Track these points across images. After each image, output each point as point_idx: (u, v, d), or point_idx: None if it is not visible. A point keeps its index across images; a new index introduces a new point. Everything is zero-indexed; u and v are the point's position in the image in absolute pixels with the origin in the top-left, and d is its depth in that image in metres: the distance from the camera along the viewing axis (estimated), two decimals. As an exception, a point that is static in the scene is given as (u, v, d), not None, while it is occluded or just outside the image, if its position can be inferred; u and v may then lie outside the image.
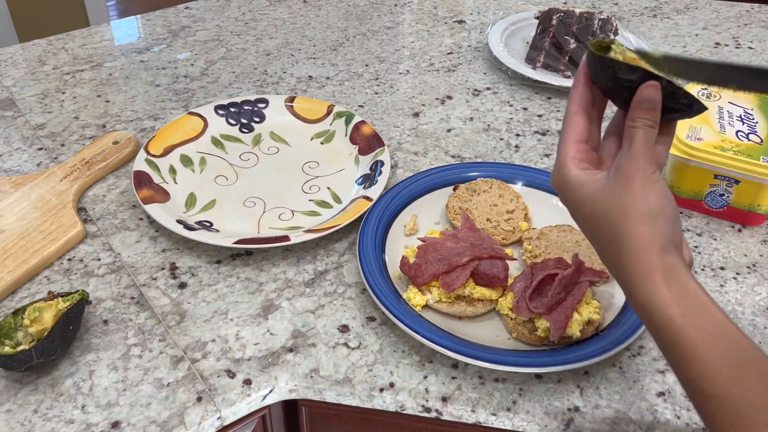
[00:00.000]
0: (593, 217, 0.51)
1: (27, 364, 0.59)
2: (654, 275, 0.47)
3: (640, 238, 0.48)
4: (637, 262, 0.48)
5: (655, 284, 0.47)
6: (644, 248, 0.48)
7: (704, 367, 0.45)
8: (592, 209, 0.51)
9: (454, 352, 0.61)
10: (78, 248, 0.75)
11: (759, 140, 0.79)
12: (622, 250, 0.49)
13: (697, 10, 1.30)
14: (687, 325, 0.46)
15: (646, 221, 0.48)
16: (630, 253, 0.48)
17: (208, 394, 0.60)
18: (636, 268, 0.48)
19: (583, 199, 0.51)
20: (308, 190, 0.83)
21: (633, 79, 0.50)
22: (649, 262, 0.48)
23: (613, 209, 0.49)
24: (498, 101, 1.02)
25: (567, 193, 0.53)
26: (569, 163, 0.53)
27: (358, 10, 1.27)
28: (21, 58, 1.09)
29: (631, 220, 0.48)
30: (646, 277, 0.48)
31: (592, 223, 0.51)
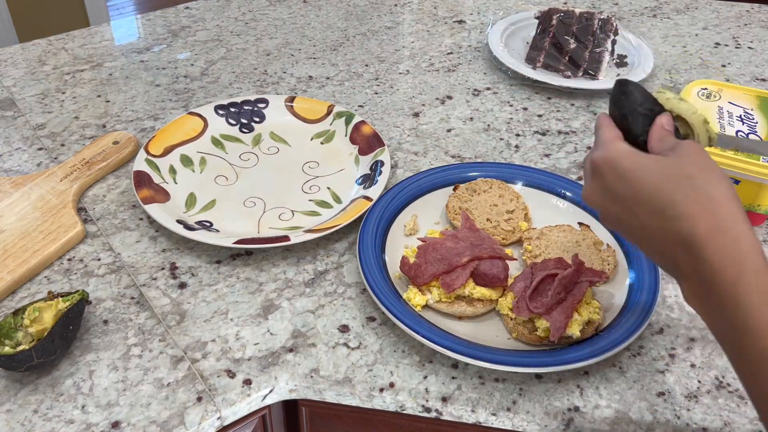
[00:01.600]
0: (661, 177, 0.46)
1: (27, 364, 0.59)
2: (747, 232, 0.43)
3: (727, 195, 0.45)
4: (729, 218, 0.44)
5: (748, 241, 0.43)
6: (733, 205, 0.44)
7: None
8: (660, 170, 0.47)
9: (454, 352, 0.61)
10: (78, 248, 0.75)
11: (759, 140, 0.78)
12: (708, 203, 0.44)
13: (697, 10, 1.30)
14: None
15: (726, 182, 0.45)
16: (719, 206, 0.44)
17: (208, 394, 0.60)
18: (726, 224, 0.43)
19: (646, 164, 0.48)
20: (308, 190, 0.83)
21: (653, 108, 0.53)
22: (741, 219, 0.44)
23: (691, 167, 0.45)
24: (498, 101, 1.02)
25: (620, 162, 0.49)
26: (618, 141, 0.51)
27: (358, 10, 1.27)
28: (21, 58, 1.09)
29: (715, 177, 0.45)
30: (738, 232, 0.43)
31: (655, 185, 0.47)
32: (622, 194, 0.49)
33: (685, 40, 1.19)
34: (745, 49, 1.17)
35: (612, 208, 0.50)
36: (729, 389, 0.62)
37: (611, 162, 0.49)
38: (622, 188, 0.49)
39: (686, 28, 1.24)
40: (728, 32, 1.23)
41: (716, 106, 0.84)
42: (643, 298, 0.67)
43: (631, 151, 0.49)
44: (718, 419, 0.60)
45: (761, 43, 1.19)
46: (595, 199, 0.51)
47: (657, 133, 0.51)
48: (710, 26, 1.24)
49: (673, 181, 0.46)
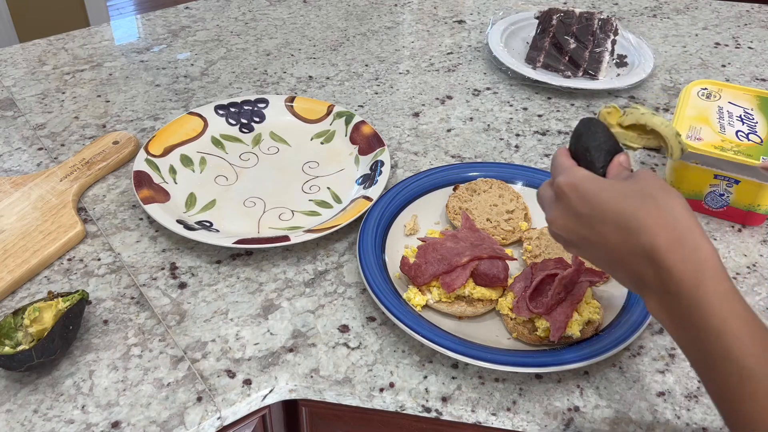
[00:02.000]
0: (623, 195, 0.49)
1: (27, 364, 0.59)
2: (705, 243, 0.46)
3: (686, 213, 0.47)
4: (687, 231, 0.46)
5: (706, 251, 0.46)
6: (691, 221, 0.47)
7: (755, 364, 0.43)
8: (620, 190, 0.49)
9: (454, 352, 0.61)
10: (78, 248, 0.75)
11: (759, 140, 0.79)
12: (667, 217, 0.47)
13: (697, 10, 1.30)
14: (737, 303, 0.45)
15: (684, 204, 0.48)
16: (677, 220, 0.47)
17: (208, 394, 0.60)
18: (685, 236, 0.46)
19: (607, 186, 0.50)
20: (308, 190, 0.83)
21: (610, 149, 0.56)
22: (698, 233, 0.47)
23: (650, 189, 0.48)
24: (498, 101, 1.02)
25: (583, 185, 0.51)
26: (578, 167, 0.53)
27: (358, 10, 1.27)
28: (21, 58, 1.09)
29: (673, 197, 0.48)
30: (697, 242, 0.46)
31: (617, 204, 0.49)
32: (587, 214, 0.50)
33: (685, 40, 1.19)
34: (745, 49, 1.17)
35: (577, 230, 0.52)
36: (729, 389, 0.62)
37: (575, 185, 0.52)
38: (586, 209, 0.51)
39: (686, 28, 1.24)
40: (728, 32, 1.23)
41: (716, 106, 0.84)
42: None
43: (593, 176, 0.52)
44: (718, 419, 0.60)
45: (761, 43, 1.19)
46: (561, 223, 0.53)
47: (615, 168, 0.54)
48: (710, 26, 1.24)
49: (635, 199, 0.49)
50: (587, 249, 0.52)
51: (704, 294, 0.45)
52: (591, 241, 0.51)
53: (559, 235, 0.54)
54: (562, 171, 0.53)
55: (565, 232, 0.53)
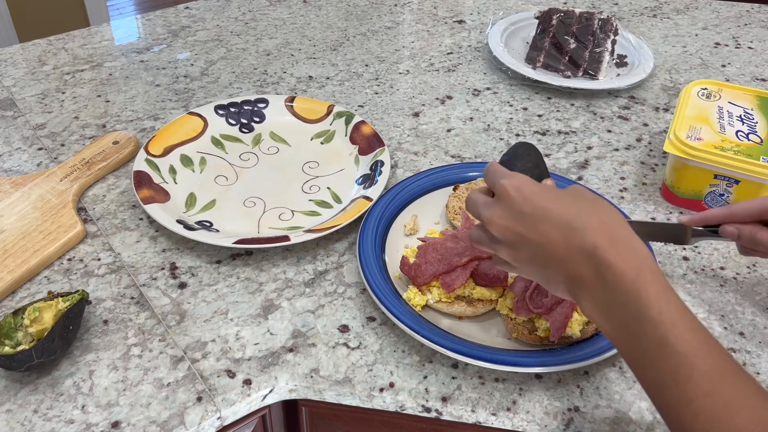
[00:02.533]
0: (565, 195, 0.53)
1: (27, 364, 0.59)
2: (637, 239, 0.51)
3: (614, 210, 0.52)
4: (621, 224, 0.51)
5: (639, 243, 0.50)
6: (620, 216, 0.52)
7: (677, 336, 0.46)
8: (561, 192, 0.54)
9: (454, 352, 0.61)
10: (78, 248, 0.75)
11: (759, 140, 0.79)
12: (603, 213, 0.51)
13: (697, 10, 1.30)
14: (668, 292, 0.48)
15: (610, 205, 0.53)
16: (612, 215, 0.51)
17: (208, 394, 0.60)
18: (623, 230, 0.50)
19: (547, 187, 0.54)
20: (308, 190, 0.83)
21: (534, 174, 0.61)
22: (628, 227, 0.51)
23: (584, 191, 0.54)
24: (498, 101, 1.02)
25: (525, 186, 0.54)
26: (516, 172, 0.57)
27: (358, 10, 1.27)
28: (21, 58, 1.09)
29: (600, 198, 0.54)
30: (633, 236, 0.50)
31: (562, 203, 0.52)
32: (530, 213, 0.52)
33: (685, 40, 1.19)
34: (745, 49, 1.17)
35: (516, 229, 0.53)
36: (729, 389, 0.62)
37: (519, 186, 0.54)
38: (529, 208, 0.53)
39: (686, 28, 1.24)
40: (728, 32, 1.23)
41: (716, 106, 0.84)
42: (643, 298, 0.66)
43: (535, 182, 0.55)
44: (718, 419, 0.60)
45: (761, 43, 1.19)
46: (500, 222, 0.54)
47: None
48: (710, 26, 1.24)
49: (578, 201, 0.52)
50: (522, 248, 0.53)
51: (643, 286, 0.47)
52: (529, 239, 0.52)
53: (492, 236, 0.55)
54: (504, 175, 0.55)
55: (501, 231, 0.54)
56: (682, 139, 0.78)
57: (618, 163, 0.89)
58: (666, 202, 0.83)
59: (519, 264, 0.55)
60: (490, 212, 0.55)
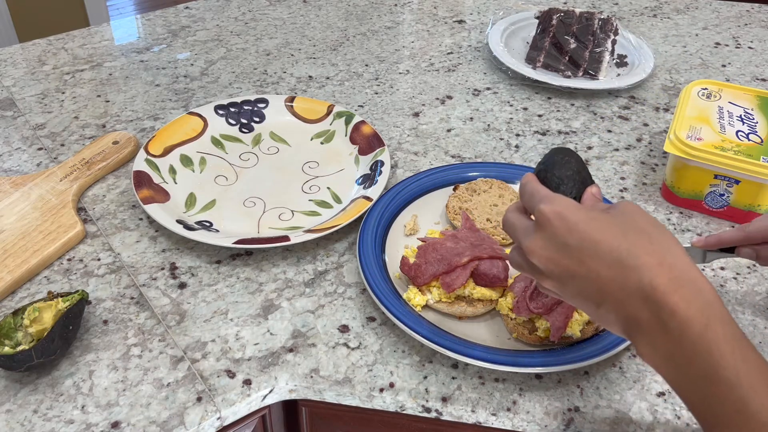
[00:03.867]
0: (621, 222, 0.46)
1: (27, 364, 0.59)
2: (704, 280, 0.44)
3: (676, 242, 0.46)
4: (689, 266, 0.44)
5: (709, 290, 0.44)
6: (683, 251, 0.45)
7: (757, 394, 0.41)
8: (610, 219, 0.47)
9: (454, 352, 0.61)
10: (78, 248, 0.75)
11: (759, 140, 0.79)
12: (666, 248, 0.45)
13: (697, 10, 1.30)
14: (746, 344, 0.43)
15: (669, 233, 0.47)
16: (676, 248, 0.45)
17: (208, 394, 0.60)
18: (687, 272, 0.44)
19: (597, 216, 0.47)
20: (308, 190, 0.83)
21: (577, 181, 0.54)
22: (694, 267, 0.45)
23: (640, 217, 0.46)
24: (498, 101, 1.02)
25: (570, 215, 0.47)
26: (559, 195, 0.50)
27: (358, 10, 1.27)
28: (21, 58, 1.09)
29: (661, 226, 0.47)
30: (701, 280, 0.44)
31: (612, 234, 0.46)
32: (576, 246, 0.46)
33: (685, 40, 1.19)
34: (745, 49, 1.17)
35: (562, 262, 0.47)
36: (729, 389, 0.62)
37: (561, 214, 0.47)
38: (574, 240, 0.46)
39: (686, 28, 1.24)
40: (728, 32, 1.23)
41: (716, 106, 0.84)
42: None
43: (579, 205, 0.48)
44: (718, 419, 0.60)
45: (761, 43, 1.19)
46: (543, 253, 0.48)
47: (589, 200, 0.52)
48: (710, 26, 1.24)
49: (629, 233, 0.45)
50: (570, 283, 0.48)
51: (714, 339, 0.41)
52: (577, 274, 0.47)
53: (534, 266, 0.49)
54: (543, 198, 0.49)
55: (545, 264, 0.48)
56: (682, 139, 0.78)
57: (618, 163, 0.89)
58: (666, 202, 0.83)
59: (567, 298, 0.49)
60: (530, 241, 0.49)
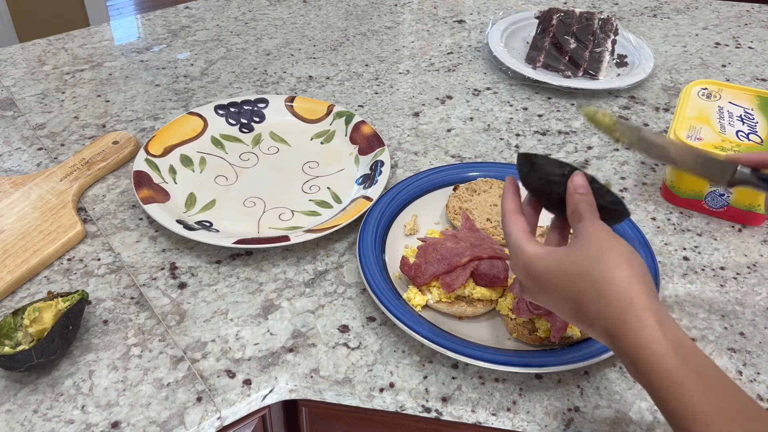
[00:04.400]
0: (565, 278, 0.50)
1: (27, 364, 0.59)
2: (648, 319, 0.45)
3: (624, 281, 0.47)
4: (627, 309, 0.46)
5: (649, 329, 0.45)
6: (631, 290, 0.47)
7: (707, 426, 0.42)
8: (562, 272, 0.50)
9: (454, 352, 0.61)
10: (78, 248, 0.75)
11: (759, 140, 0.79)
12: (606, 296, 0.47)
13: (697, 10, 1.30)
14: (687, 378, 0.44)
15: (624, 263, 0.48)
16: (617, 297, 0.47)
17: (208, 394, 0.60)
18: (626, 316, 0.46)
19: (551, 266, 0.51)
20: (308, 190, 0.83)
21: (564, 173, 0.54)
22: (640, 306, 0.46)
23: (586, 261, 0.49)
24: (498, 101, 1.02)
25: (533, 266, 0.52)
26: (526, 243, 0.53)
27: (358, 10, 1.27)
28: (21, 58, 1.09)
29: (608, 265, 0.48)
30: (639, 323, 0.45)
31: (566, 285, 0.50)
32: (545, 297, 0.52)
33: (685, 40, 1.19)
34: (745, 49, 1.17)
35: (541, 300, 0.53)
36: (729, 389, 0.62)
37: (524, 269, 0.53)
38: (540, 289, 0.52)
39: (686, 28, 1.24)
40: (728, 32, 1.23)
41: (716, 106, 0.84)
42: (643, 298, 0.66)
43: (537, 254, 0.52)
44: (718, 419, 0.59)
45: (761, 43, 1.19)
46: (528, 296, 0.55)
47: (570, 206, 0.54)
48: (710, 26, 1.24)
49: (575, 280, 0.49)
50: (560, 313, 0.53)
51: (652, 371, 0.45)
52: (558, 310, 0.52)
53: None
54: (511, 250, 0.54)
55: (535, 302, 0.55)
56: (682, 139, 0.78)
57: (618, 163, 0.89)
58: (666, 202, 0.83)
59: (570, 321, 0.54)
60: (521, 290, 0.55)
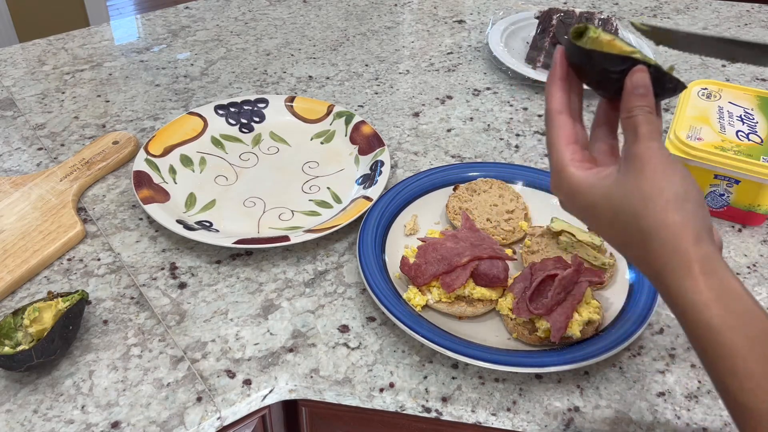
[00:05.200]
0: (612, 215, 0.47)
1: (27, 364, 0.59)
2: (691, 268, 0.43)
3: (671, 227, 0.44)
4: (671, 255, 0.43)
5: (692, 279, 0.43)
6: (677, 237, 0.43)
7: (746, 379, 0.40)
8: (609, 207, 0.47)
9: (454, 352, 0.61)
10: (78, 248, 0.75)
11: (759, 140, 0.78)
12: (651, 243, 0.44)
13: (697, 10, 1.30)
14: (728, 330, 0.41)
15: (674, 207, 0.44)
16: (662, 244, 0.44)
17: (208, 394, 0.60)
18: (670, 262, 0.43)
19: (598, 200, 0.47)
20: (308, 190, 0.83)
21: (623, 69, 0.48)
22: (685, 253, 0.43)
23: (636, 200, 0.45)
24: (498, 101, 1.02)
25: (576, 197, 0.49)
26: (570, 167, 0.49)
27: (358, 10, 1.27)
28: (21, 58, 1.09)
29: (659, 208, 0.44)
30: (682, 271, 0.43)
31: (612, 223, 0.47)
32: (589, 222, 0.50)
33: (685, 40, 1.19)
34: (745, 49, 1.17)
35: (588, 224, 0.51)
36: (729, 389, 0.62)
37: (566, 195, 0.50)
38: (583, 216, 0.50)
39: (686, 28, 1.24)
40: (728, 32, 1.22)
41: (716, 106, 0.84)
42: (642, 299, 0.66)
43: (583, 183, 0.49)
44: (719, 419, 0.60)
45: (761, 43, 1.19)
46: (572, 214, 0.52)
47: (626, 110, 0.48)
48: (710, 26, 1.24)
49: (622, 221, 0.46)
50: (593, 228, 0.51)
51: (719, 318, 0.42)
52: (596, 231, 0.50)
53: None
54: (553, 171, 0.51)
55: (570, 211, 0.52)
56: (682, 139, 0.78)
57: (618, 163, 0.89)
58: (666, 202, 0.83)
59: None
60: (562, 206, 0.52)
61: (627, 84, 0.48)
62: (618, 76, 0.49)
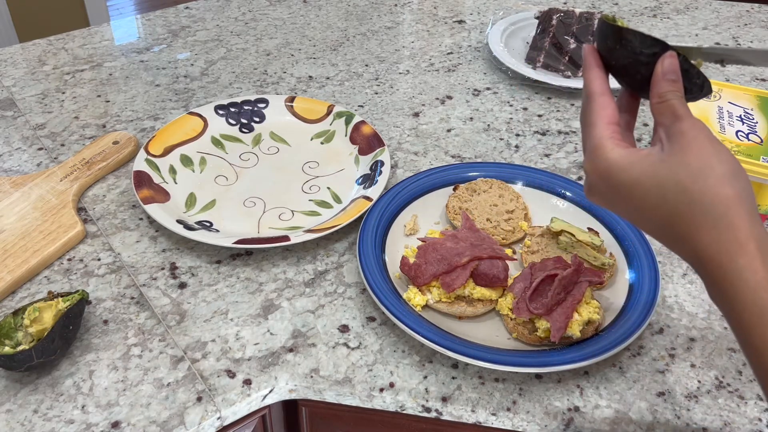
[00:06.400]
0: (658, 191, 0.44)
1: (27, 364, 0.59)
2: (745, 246, 0.40)
3: (725, 200, 0.41)
4: (725, 230, 0.41)
5: (748, 257, 0.40)
6: (732, 212, 0.41)
7: None
8: (655, 184, 0.44)
9: (454, 352, 0.61)
10: (78, 248, 0.75)
11: (759, 140, 0.79)
12: (703, 217, 0.42)
13: (697, 10, 1.30)
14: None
15: (728, 182, 0.42)
16: (714, 218, 0.41)
17: (208, 394, 0.60)
18: (722, 238, 0.41)
19: (640, 177, 0.45)
20: (308, 190, 0.83)
21: (654, 53, 0.48)
22: (740, 229, 0.41)
23: (684, 176, 0.43)
24: (498, 101, 1.02)
25: (613, 176, 0.46)
26: (609, 144, 0.47)
27: (358, 10, 1.27)
28: (21, 58, 1.09)
29: (711, 181, 0.42)
30: (736, 247, 0.40)
31: (656, 200, 0.44)
32: (623, 207, 0.47)
33: (685, 40, 1.19)
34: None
35: (616, 210, 0.49)
36: (729, 389, 0.62)
37: (601, 174, 0.48)
38: (619, 200, 0.47)
39: (686, 28, 1.24)
40: (728, 32, 1.23)
41: (716, 106, 0.84)
42: (643, 299, 0.67)
43: (624, 163, 0.46)
44: (718, 419, 0.60)
45: (761, 43, 1.19)
46: (597, 200, 0.50)
47: (656, 95, 0.48)
48: (710, 26, 1.24)
49: (670, 198, 0.44)
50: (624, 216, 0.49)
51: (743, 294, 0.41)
52: (636, 222, 0.48)
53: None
54: (587, 151, 0.49)
55: (598, 202, 0.50)
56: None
57: (618, 163, 0.89)
58: (666, 202, 0.83)
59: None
60: (584, 186, 0.50)
61: (658, 69, 0.47)
62: (647, 59, 0.48)
